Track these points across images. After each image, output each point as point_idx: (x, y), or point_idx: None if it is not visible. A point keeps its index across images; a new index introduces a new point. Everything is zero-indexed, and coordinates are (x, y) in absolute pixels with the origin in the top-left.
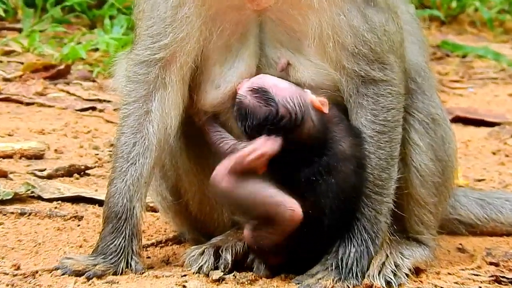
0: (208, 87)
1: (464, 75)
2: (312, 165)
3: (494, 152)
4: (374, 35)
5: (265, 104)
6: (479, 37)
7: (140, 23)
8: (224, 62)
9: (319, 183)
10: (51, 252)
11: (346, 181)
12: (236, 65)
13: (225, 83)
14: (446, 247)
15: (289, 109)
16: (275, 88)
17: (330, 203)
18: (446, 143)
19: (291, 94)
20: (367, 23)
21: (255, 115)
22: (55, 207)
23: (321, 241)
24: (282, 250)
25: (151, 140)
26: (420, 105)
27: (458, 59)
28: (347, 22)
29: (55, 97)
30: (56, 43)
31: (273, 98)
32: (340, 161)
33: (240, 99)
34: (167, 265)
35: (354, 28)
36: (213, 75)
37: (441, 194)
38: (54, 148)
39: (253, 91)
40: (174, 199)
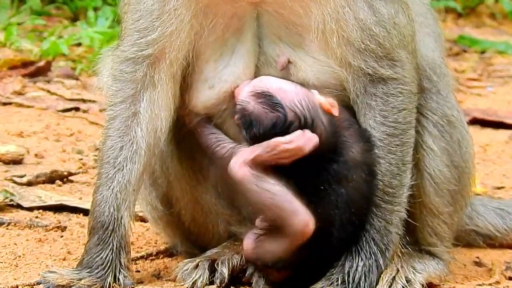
0: (201, 86)
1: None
2: (322, 174)
3: None
4: (382, 29)
5: (271, 109)
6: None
7: (126, 16)
8: (219, 59)
9: (328, 193)
10: (32, 265)
11: (357, 190)
12: (233, 63)
13: (220, 83)
14: (462, 260)
15: (298, 114)
16: (280, 92)
17: (340, 214)
18: (463, 148)
19: (298, 96)
20: (374, 16)
21: (261, 122)
22: (36, 217)
23: (329, 255)
24: (287, 264)
25: (140, 144)
26: (434, 106)
27: (476, 55)
28: (352, 15)
29: (35, 97)
30: (35, 37)
31: (280, 102)
32: (351, 168)
33: (243, 105)
34: (158, 279)
35: (361, 21)
36: (206, 74)
37: (456, 203)
38: (34, 153)
39: (256, 96)
40: (165, 208)
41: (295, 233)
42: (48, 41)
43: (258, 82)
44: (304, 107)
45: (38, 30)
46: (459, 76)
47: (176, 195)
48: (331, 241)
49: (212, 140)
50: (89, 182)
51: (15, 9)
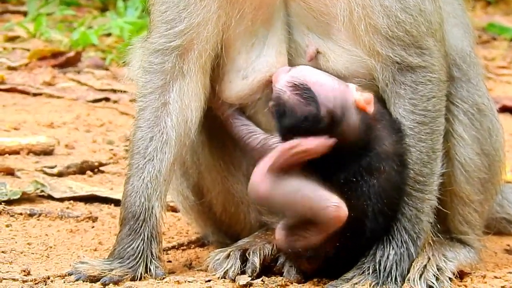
0: (234, 77)
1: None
2: (353, 166)
3: None
4: (409, 15)
5: (306, 103)
6: None
7: (153, 8)
8: (251, 49)
9: (360, 185)
10: (64, 256)
11: (388, 181)
12: (265, 53)
13: (253, 73)
14: (493, 248)
15: (330, 110)
16: (317, 85)
17: (373, 205)
18: (493, 136)
19: (334, 93)
20: (400, 2)
21: (294, 113)
22: (67, 207)
23: (361, 246)
24: (319, 255)
25: (170, 134)
26: (464, 94)
27: (506, 43)
28: (378, 2)
29: (65, 87)
30: (65, 27)
31: (315, 97)
32: (382, 160)
33: (279, 94)
34: (189, 269)
35: (387, 8)
36: (238, 64)
37: (487, 191)
38: (65, 143)
39: (293, 87)
40: (196, 198)
41: (328, 218)
42: (78, 31)
43: (297, 72)
44: (337, 104)
45: (67, 20)
46: (488, 64)
47: (207, 185)
48: (363, 232)
49: (244, 132)
50: (120, 172)
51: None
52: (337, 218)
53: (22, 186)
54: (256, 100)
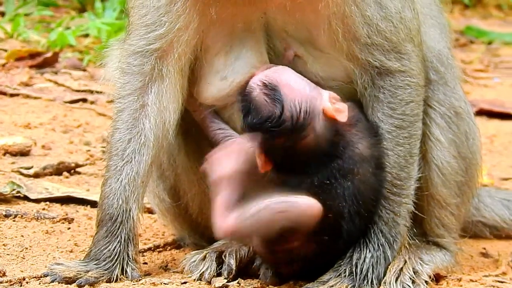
0: (212, 78)
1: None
2: (325, 169)
3: None
4: (389, 23)
5: (271, 103)
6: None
7: (132, 11)
8: (229, 51)
9: (335, 187)
10: (39, 257)
11: (364, 183)
12: (245, 55)
13: (233, 74)
14: (469, 251)
15: (293, 115)
16: (287, 88)
17: (348, 207)
18: (470, 139)
19: (301, 97)
20: (382, 11)
21: (258, 111)
22: (43, 209)
23: (338, 248)
24: (296, 258)
25: (148, 136)
26: (442, 97)
27: (483, 46)
28: (360, 13)
29: (42, 88)
30: (42, 28)
31: (281, 99)
32: (357, 163)
33: (249, 90)
34: (165, 271)
35: (368, 18)
36: (217, 66)
37: (464, 195)
38: (42, 144)
39: (263, 86)
40: (172, 201)
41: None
42: (56, 32)
43: (272, 72)
44: (302, 110)
45: (45, 21)
46: (466, 67)
47: (183, 187)
48: (340, 233)
49: (220, 136)
50: (97, 173)
51: (22, 0)
52: (311, 214)
53: None
54: (234, 101)
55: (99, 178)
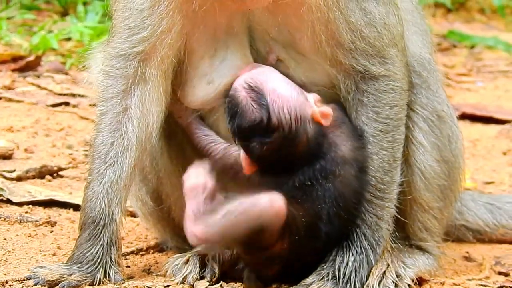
0: (198, 82)
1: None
2: (307, 170)
3: (505, 152)
4: (373, 29)
5: (258, 108)
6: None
7: (116, 14)
8: (214, 55)
9: (315, 188)
10: (22, 260)
11: (346, 186)
12: (229, 57)
13: (219, 78)
14: (452, 255)
15: (283, 123)
16: (273, 93)
17: (328, 209)
18: (453, 143)
19: (289, 104)
20: (366, 17)
21: (244, 116)
22: (26, 212)
23: (318, 249)
24: (277, 260)
25: (131, 139)
26: (424, 101)
27: (466, 50)
28: (344, 19)
29: (25, 91)
30: (25, 31)
31: (268, 105)
32: (339, 165)
33: (234, 92)
34: (148, 274)
35: (352, 24)
36: (203, 70)
37: (446, 198)
38: (24, 147)
39: (249, 89)
40: (155, 204)
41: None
42: (38, 35)
43: (257, 73)
44: (292, 117)
45: (27, 24)
46: (448, 71)
47: (166, 190)
48: (318, 235)
49: (205, 142)
50: (79, 177)
51: (4, 3)
52: (274, 211)
53: None
54: (220, 105)
55: (82, 181)
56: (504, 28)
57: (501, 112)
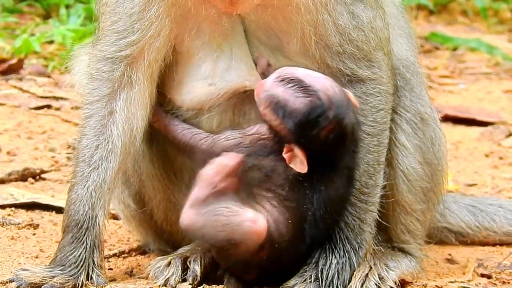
0: (198, 83)
1: (455, 69)
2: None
3: (487, 154)
4: (361, 33)
5: (305, 95)
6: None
7: (104, 17)
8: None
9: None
10: (5, 263)
11: (336, 190)
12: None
13: (222, 82)
14: (434, 257)
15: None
16: (309, 78)
17: (314, 211)
18: (436, 145)
19: (329, 82)
20: (354, 20)
21: (297, 109)
22: (9, 214)
23: (301, 252)
24: (256, 266)
25: (115, 143)
26: (407, 103)
27: (448, 52)
28: (332, 21)
29: (7, 94)
30: (7, 34)
31: (312, 88)
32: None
33: (272, 93)
34: (130, 277)
35: (340, 27)
36: (204, 72)
37: (429, 201)
38: (7, 150)
39: (285, 81)
40: (137, 207)
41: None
42: (20, 38)
43: (279, 70)
44: (337, 93)
45: (10, 27)
46: (431, 73)
47: (148, 193)
48: (303, 237)
49: (188, 135)
50: (62, 179)
51: None
52: (253, 233)
53: None
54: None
55: (64, 184)
56: (486, 30)
57: (483, 114)
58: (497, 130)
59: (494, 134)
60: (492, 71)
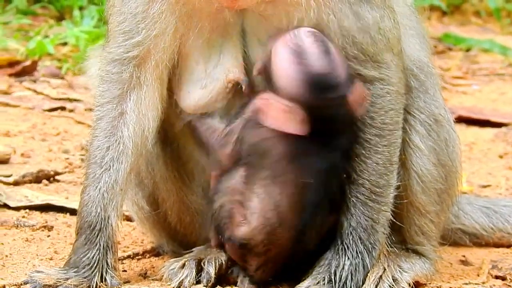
0: (193, 87)
1: (468, 70)
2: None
3: (501, 156)
4: (366, 35)
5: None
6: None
7: (111, 18)
8: (208, 59)
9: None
10: (19, 265)
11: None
12: (222, 61)
13: (212, 82)
14: (448, 259)
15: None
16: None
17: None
18: (450, 146)
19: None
20: (359, 22)
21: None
22: (23, 216)
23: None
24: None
25: (126, 144)
26: (422, 104)
27: (461, 53)
28: (337, 23)
29: (21, 96)
30: (21, 36)
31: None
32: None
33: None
34: (144, 279)
35: (345, 29)
36: (198, 74)
37: (443, 202)
38: (21, 152)
39: (315, 37)
40: (151, 209)
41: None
42: (34, 40)
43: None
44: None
45: (24, 29)
46: (444, 74)
47: (162, 195)
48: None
49: (207, 133)
50: (76, 181)
51: (1, 8)
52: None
53: None
54: (215, 109)
55: (78, 186)
56: (499, 31)
57: (497, 115)
58: (511, 131)
59: (508, 135)
60: (506, 72)
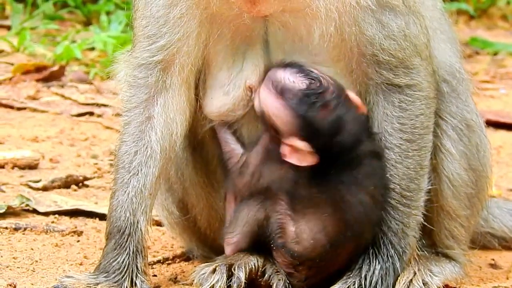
0: (216, 93)
1: (496, 74)
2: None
3: None
4: (393, 42)
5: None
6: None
7: (136, 22)
8: (232, 66)
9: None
10: (49, 270)
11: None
12: (244, 68)
13: (234, 89)
14: (478, 263)
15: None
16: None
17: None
18: (481, 151)
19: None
20: (384, 30)
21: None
22: (52, 222)
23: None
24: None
25: (154, 148)
26: (454, 109)
27: (489, 57)
28: (360, 31)
29: (49, 101)
30: (48, 41)
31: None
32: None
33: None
34: (175, 283)
35: (370, 37)
36: (221, 80)
37: (473, 206)
38: (49, 157)
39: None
40: (181, 214)
41: None
42: (62, 45)
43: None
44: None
45: (51, 34)
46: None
47: (191, 201)
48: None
49: (226, 155)
50: (104, 186)
51: (28, 14)
52: None
53: (7, 201)
54: (239, 117)
55: (107, 191)
56: None
57: None
58: None
59: None
60: None
